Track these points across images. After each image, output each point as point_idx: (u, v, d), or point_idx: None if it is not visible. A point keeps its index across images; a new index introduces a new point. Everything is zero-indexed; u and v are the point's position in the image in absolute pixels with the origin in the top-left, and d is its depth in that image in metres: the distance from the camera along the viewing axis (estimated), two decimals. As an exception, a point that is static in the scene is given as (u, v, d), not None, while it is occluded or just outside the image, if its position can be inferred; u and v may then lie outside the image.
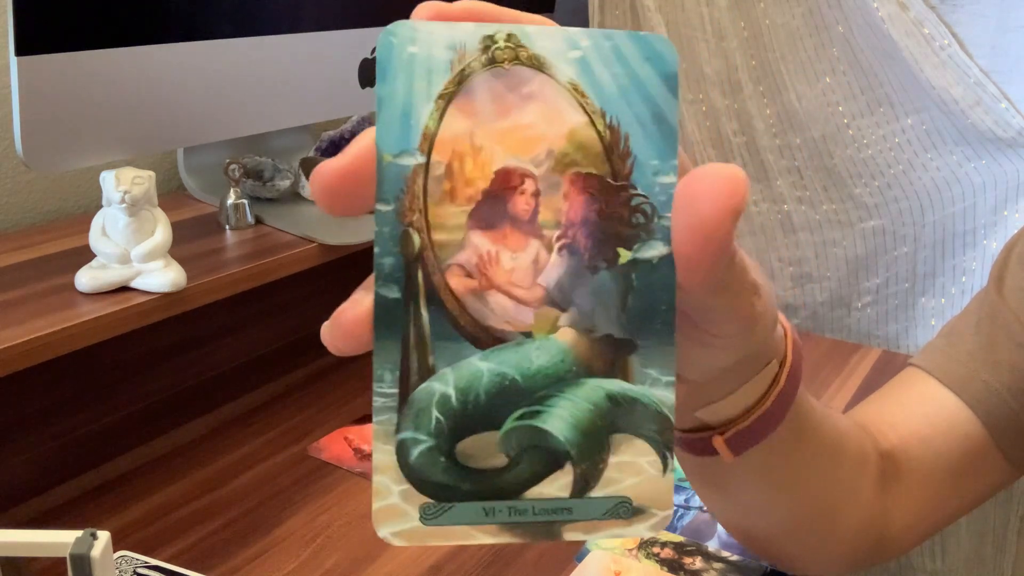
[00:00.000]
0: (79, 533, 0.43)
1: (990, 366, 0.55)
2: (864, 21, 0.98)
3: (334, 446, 0.78)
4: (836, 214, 1.10)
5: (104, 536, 0.43)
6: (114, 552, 0.60)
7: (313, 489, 0.72)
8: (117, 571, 0.60)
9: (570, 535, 0.26)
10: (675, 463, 0.27)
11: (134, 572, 0.60)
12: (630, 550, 0.64)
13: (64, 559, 0.42)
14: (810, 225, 1.12)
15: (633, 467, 0.26)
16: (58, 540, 0.42)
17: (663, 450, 0.26)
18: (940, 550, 1.02)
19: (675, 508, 0.69)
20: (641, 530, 0.27)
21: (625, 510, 0.26)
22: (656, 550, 0.64)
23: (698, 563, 0.63)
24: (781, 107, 1.09)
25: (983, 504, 0.59)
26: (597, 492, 0.26)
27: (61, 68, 0.66)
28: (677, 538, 0.66)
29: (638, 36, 0.26)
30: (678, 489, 0.72)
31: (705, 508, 0.69)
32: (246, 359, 0.92)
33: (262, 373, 0.90)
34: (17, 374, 0.60)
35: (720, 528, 0.67)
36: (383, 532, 0.25)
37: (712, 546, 0.65)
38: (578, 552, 0.64)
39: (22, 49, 0.62)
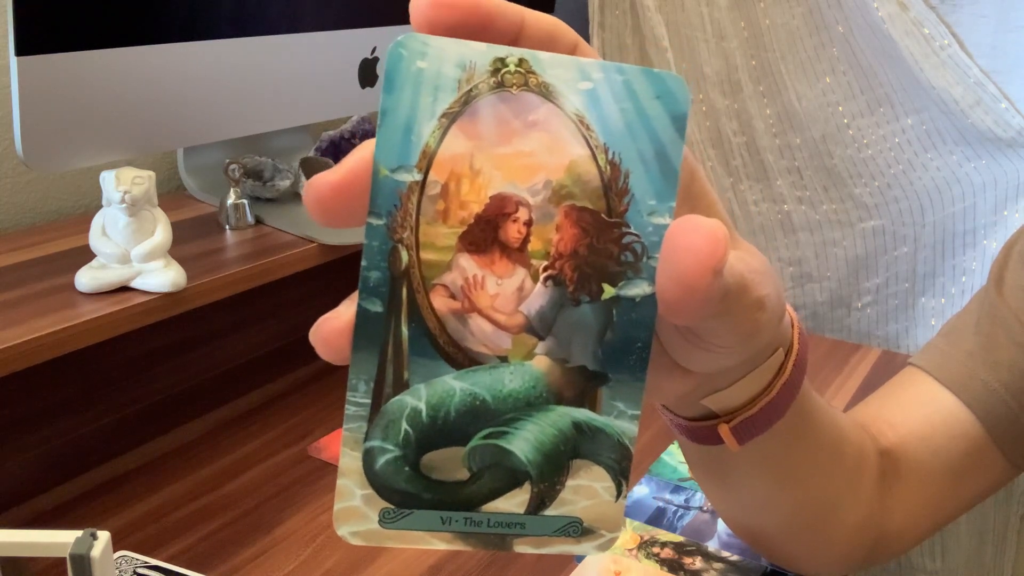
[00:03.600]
0: (79, 533, 0.43)
1: (989, 365, 0.55)
2: (864, 21, 0.98)
3: (334, 446, 0.78)
4: (836, 214, 1.10)
5: (104, 536, 0.43)
6: (114, 552, 0.60)
7: (313, 489, 0.72)
8: (117, 571, 0.60)
9: (520, 548, 0.28)
10: (627, 490, 0.28)
11: (134, 572, 0.60)
12: (630, 550, 0.64)
13: (64, 559, 0.42)
14: (810, 225, 1.12)
15: (588, 491, 0.28)
16: (58, 540, 0.42)
17: (619, 477, 0.28)
18: (940, 550, 1.02)
19: (675, 508, 0.69)
20: (588, 548, 0.28)
21: (575, 530, 0.28)
22: (656, 550, 0.64)
23: (698, 563, 0.63)
24: (781, 107, 1.09)
25: (983, 504, 0.59)
26: (551, 511, 0.28)
27: (61, 68, 0.66)
28: (677, 538, 0.66)
29: (651, 73, 0.26)
30: (678, 489, 0.72)
31: (706, 507, 0.69)
32: (246, 359, 0.92)
33: (262, 373, 0.90)
34: (17, 374, 0.60)
35: (720, 528, 0.67)
36: (342, 531, 0.27)
37: (712, 546, 0.65)
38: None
39: (22, 49, 0.62)
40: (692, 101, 1.13)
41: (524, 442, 0.27)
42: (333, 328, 0.26)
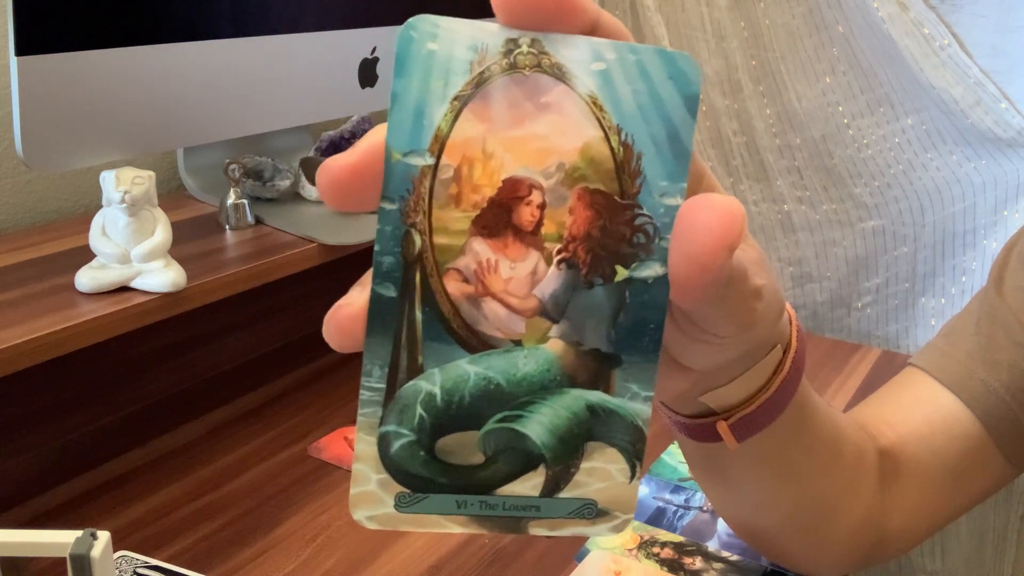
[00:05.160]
0: (79, 533, 0.43)
1: (989, 365, 0.55)
2: (864, 21, 0.98)
3: (334, 446, 0.78)
4: (836, 214, 1.10)
5: (104, 536, 0.43)
6: (114, 552, 0.60)
7: (313, 489, 0.72)
8: (117, 571, 0.60)
9: (535, 530, 0.28)
10: (641, 472, 0.28)
11: (134, 572, 0.60)
12: (630, 550, 0.64)
13: (64, 559, 0.42)
14: (810, 225, 1.12)
15: (602, 473, 0.28)
16: (58, 540, 0.42)
17: (633, 459, 0.28)
18: (940, 550, 1.02)
19: (675, 508, 0.69)
20: (602, 530, 0.28)
21: (589, 511, 0.28)
22: (656, 550, 0.64)
23: (698, 563, 0.63)
24: (781, 107, 1.09)
25: (983, 504, 0.59)
26: (565, 493, 0.28)
27: (61, 68, 0.66)
28: (677, 538, 0.66)
29: (664, 53, 0.25)
30: (678, 489, 0.72)
31: (706, 507, 0.69)
32: (246, 359, 0.92)
33: (262, 373, 0.90)
34: (17, 374, 0.60)
35: (720, 528, 0.67)
36: (358, 515, 0.27)
37: (712, 546, 0.65)
38: (578, 552, 0.64)
39: (22, 49, 0.62)
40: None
41: (538, 425, 0.27)
42: (347, 314, 0.26)
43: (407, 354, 0.26)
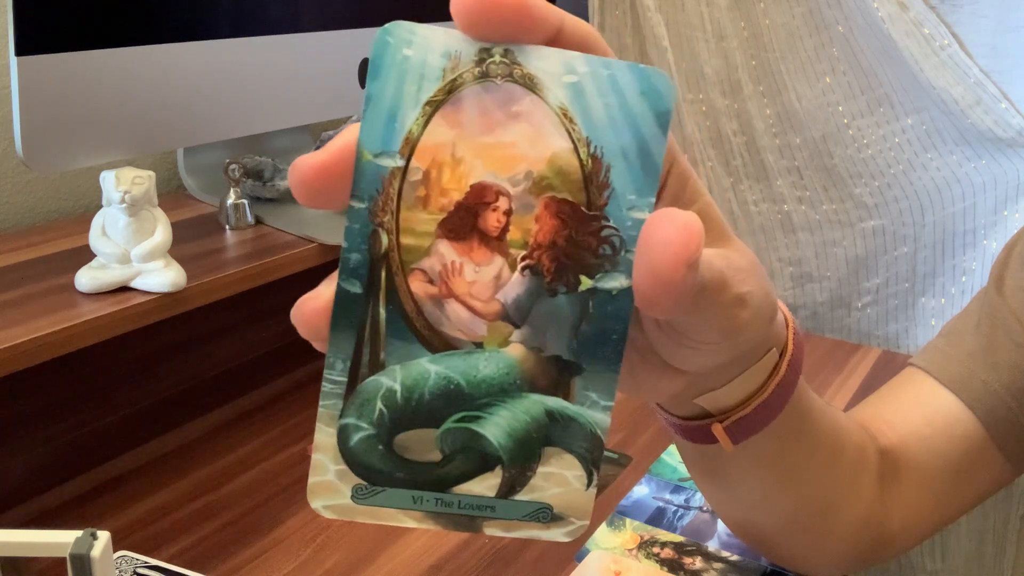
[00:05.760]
0: (79, 533, 0.43)
1: (989, 366, 0.55)
2: (864, 21, 0.98)
3: (334, 446, 0.78)
4: (836, 214, 1.10)
5: (104, 536, 0.43)
6: (114, 552, 0.60)
7: (313, 489, 0.72)
8: (117, 571, 0.60)
9: (490, 530, 0.28)
10: (597, 479, 0.29)
11: (134, 572, 0.60)
12: (630, 550, 0.64)
13: (64, 559, 0.42)
14: (810, 225, 1.12)
15: (559, 478, 0.28)
16: (58, 540, 0.42)
17: (590, 466, 0.28)
18: (940, 550, 1.02)
19: (675, 508, 0.69)
20: (557, 535, 0.29)
21: (544, 515, 0.28)
22: (656, 550, 0.64)
23: (698, 563, 0.63)
24: (781, 107, 1.09)
25: (983, 504, 0.59)
26: (521, 496, 0.28)
27: (61, 68, 0.66)
28: (677, 538, 0.66)
29: (638, 69, 0.26)
30: (678, 489, 0.72)
31: (705, 507, 0.69)
32: (246, 359, 0.92)
33: (262, 373, 0.90)
34: (17, 374, 0.60)
35: (720, 528, 0.67)
36: (315, 504, 0.27)
37: (712, 546, 0.65)
38: (578, 552, 0.64)
39: (22, 49, 0.62)
40: (692, 101, 1.13)
41: (496, 427, 0.27)
42: (312, 308, 0.26)
43: (369, 350, 0.27)
